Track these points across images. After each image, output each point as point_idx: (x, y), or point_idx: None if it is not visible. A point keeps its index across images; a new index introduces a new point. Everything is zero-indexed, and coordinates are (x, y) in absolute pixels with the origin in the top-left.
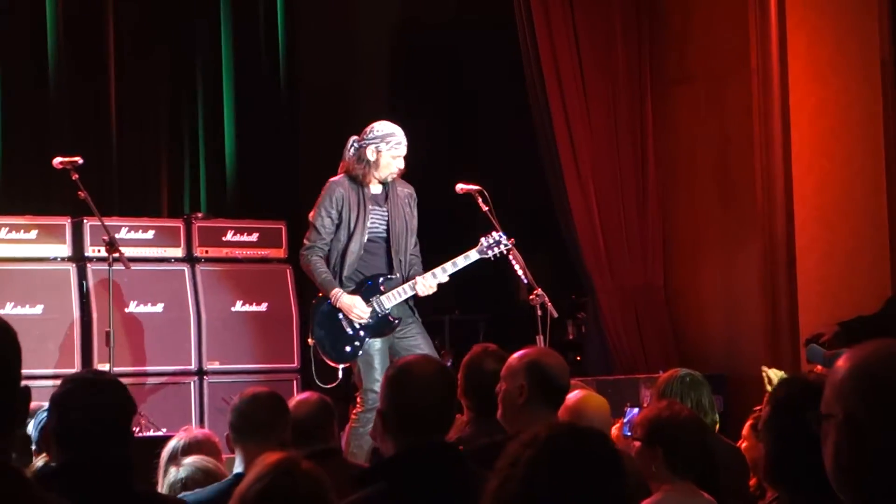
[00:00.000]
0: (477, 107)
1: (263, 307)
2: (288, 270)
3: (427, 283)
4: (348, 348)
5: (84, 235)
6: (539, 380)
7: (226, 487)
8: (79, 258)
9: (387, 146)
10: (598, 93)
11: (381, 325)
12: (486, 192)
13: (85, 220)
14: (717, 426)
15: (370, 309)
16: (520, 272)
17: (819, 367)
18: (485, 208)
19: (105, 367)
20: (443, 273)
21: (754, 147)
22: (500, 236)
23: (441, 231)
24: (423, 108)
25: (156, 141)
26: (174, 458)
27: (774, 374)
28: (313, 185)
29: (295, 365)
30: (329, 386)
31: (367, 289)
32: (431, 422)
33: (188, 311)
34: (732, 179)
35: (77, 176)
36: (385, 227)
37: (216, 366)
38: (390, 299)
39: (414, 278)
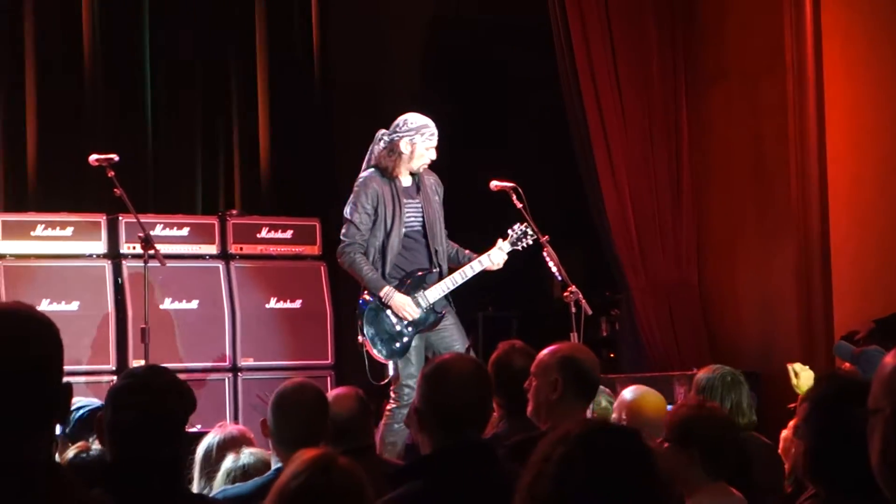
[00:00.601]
0: (510, 105)
1: (297, 304)
2: (322, 267)
3: (497, 258)
4: (397, 345)
5: (119, 232)
6: (573, 374)
7: (265, 482)
8: (114, 255)
9: (421, 138)
10: (632, 92)
11: (427, 319)
12: (520, 190)
13: (120, 217)
14: (755, 426)
15: (419, 307)
16: (554, 269)
17: (847, 364)
18: (519, 205)
19: (140, 363)
20: (500, 252)
21: (789, 145)
22: (524, 227)
23: (470, 227)
24: (455, 106)
25: (191, 138)
26: (209, 456)
27: (801, 369)
28: (348, 183)
29: (329, 361)
30: (381, 383)
31: (411, 285)
32: (468, 420)
33: (223, 308)
34: (767, 178)
35: (113, 173)
36: (420, 220)
37: (250, 362)
38: (434, 293)
39: (460, 266)
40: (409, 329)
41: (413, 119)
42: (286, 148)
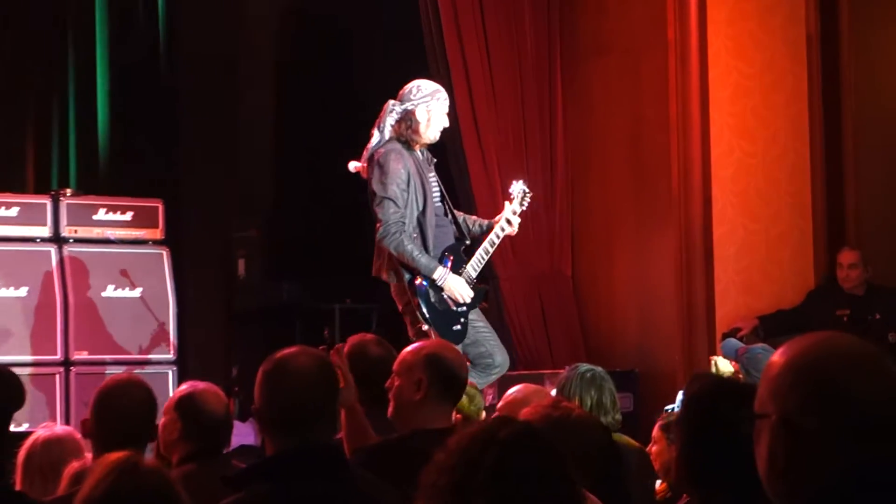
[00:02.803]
0: (373, 80)
1: (137, 293)
2: (165, 252)
3: (515, 222)
4: (457, 327)
5: None
6: (439, 374)
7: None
8: None
9: (437, 103)
10: (504, 70)
11: (477, 296)
12: None
13: None
14: (619, 426)
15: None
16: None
17: (734, 363)
18: None
19: None
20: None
21: (670, 127)
22: (522, 185)
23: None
24: (313, 80)
25: (22, 111)
26: (31, 459)
27: (724, 365)
28: (194, 161)
29: (171, 356)
30: None
31: (454, 262)
32: (313, 420)
33: (54, 296)
34: (647, 161)
35: None
36: (440, 193)
37: (84, 356)
38: (475, 267)
39: (484, 237)
40: (465, 308)
41: (425, 85)
42: (127, 123)
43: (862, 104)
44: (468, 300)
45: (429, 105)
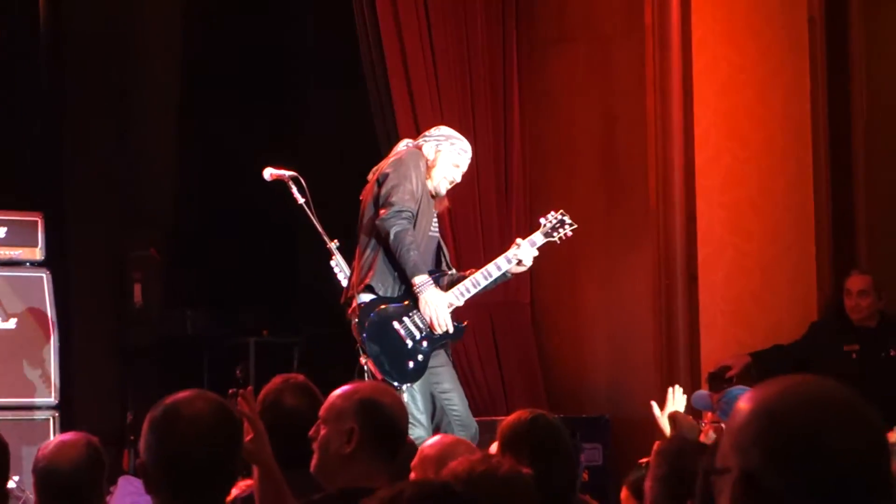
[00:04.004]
0: (293, 71)
1: (11, 324)
2: (45, 275)
3: (524, 254)
4: (411, 363)
5: None
6: (373, 423)
7: None
8: None
9: (451, 147)
10: (448, 53)
11: (456, 332)
12: (301, 180)
13: None
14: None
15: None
16: (344, 281)
17: (709, 413)
18: (301, 200)
19: None
20: (531, 247)
21: (648, 127)
22: (562, 215)
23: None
24: (224, 70)
25: None
26: None
27: (682, 419)
28: (78, 169)
29: (52, 400)
30: None
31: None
32: (208, 479)
33: None
34: (620, 167)
35: None
36: (437, 227)
37: None
38: (462, 293)
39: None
40: (424, 344)
41: (446, 129)
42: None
43: (874, 100)
44: (447, 327)
45: (439, 145)
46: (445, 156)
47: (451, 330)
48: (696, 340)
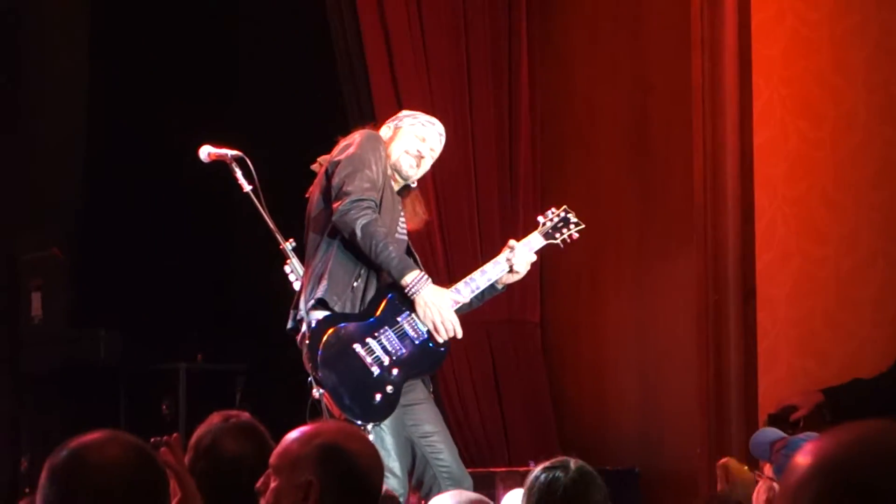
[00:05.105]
0: (245, 34)
1: None
2: None
3: (519, 260)
4: (378, 396)
5: None
6: (337, 474)
7: None
8: None
9: (413, 121)
10: (439, 16)
11: (423, 356)
12: (247, 161)
13: None
14: None
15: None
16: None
17: (767, 464)
18: (247, 187)
19: None
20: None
21: (692, 99)
22: (565, 213)
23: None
24: (146, 36)
25: None
26: None
27: (737, 469)
28: None
29: None
30: None
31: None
32: None
33: None
34: (656, 152)
35: None
36: (405, 229)
37: None
38: (468, 288)
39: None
40: (395, 373)
41: (416, 112)
42: None
43: None
44: (455, 331)
45: (399, 122)
46: (406, 129)
47: (459, 334)
48: (752, 373)
